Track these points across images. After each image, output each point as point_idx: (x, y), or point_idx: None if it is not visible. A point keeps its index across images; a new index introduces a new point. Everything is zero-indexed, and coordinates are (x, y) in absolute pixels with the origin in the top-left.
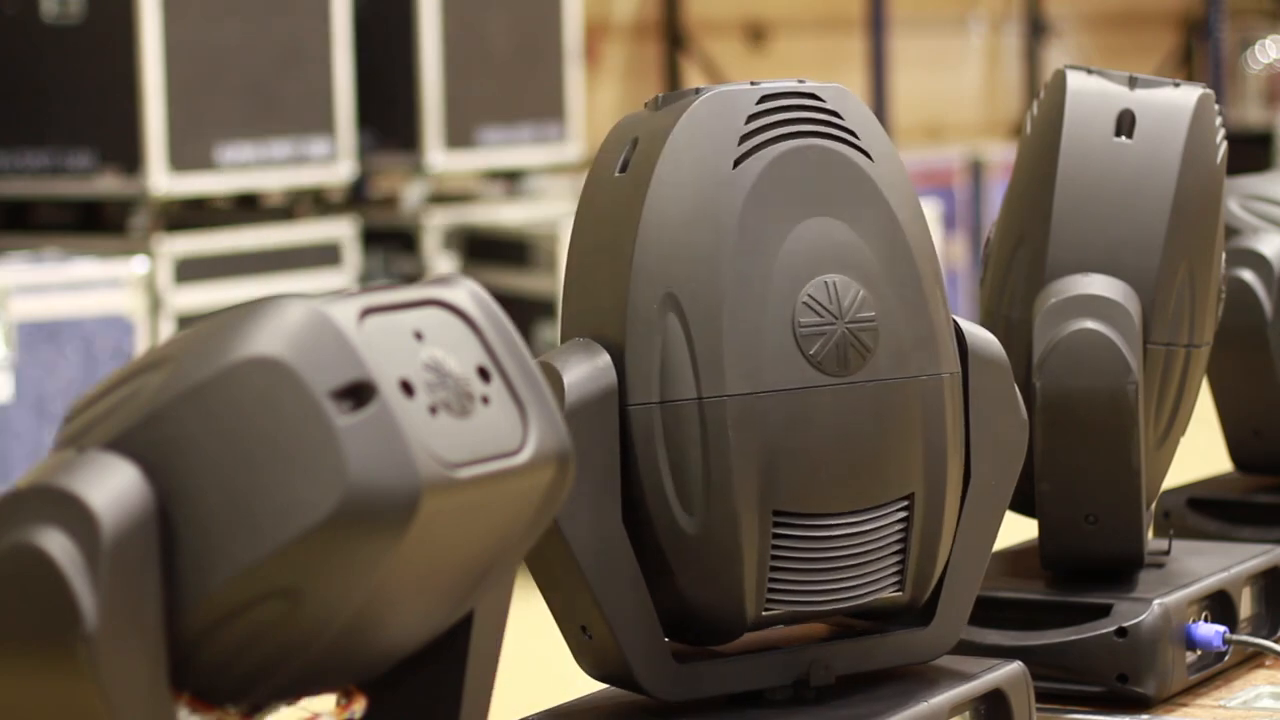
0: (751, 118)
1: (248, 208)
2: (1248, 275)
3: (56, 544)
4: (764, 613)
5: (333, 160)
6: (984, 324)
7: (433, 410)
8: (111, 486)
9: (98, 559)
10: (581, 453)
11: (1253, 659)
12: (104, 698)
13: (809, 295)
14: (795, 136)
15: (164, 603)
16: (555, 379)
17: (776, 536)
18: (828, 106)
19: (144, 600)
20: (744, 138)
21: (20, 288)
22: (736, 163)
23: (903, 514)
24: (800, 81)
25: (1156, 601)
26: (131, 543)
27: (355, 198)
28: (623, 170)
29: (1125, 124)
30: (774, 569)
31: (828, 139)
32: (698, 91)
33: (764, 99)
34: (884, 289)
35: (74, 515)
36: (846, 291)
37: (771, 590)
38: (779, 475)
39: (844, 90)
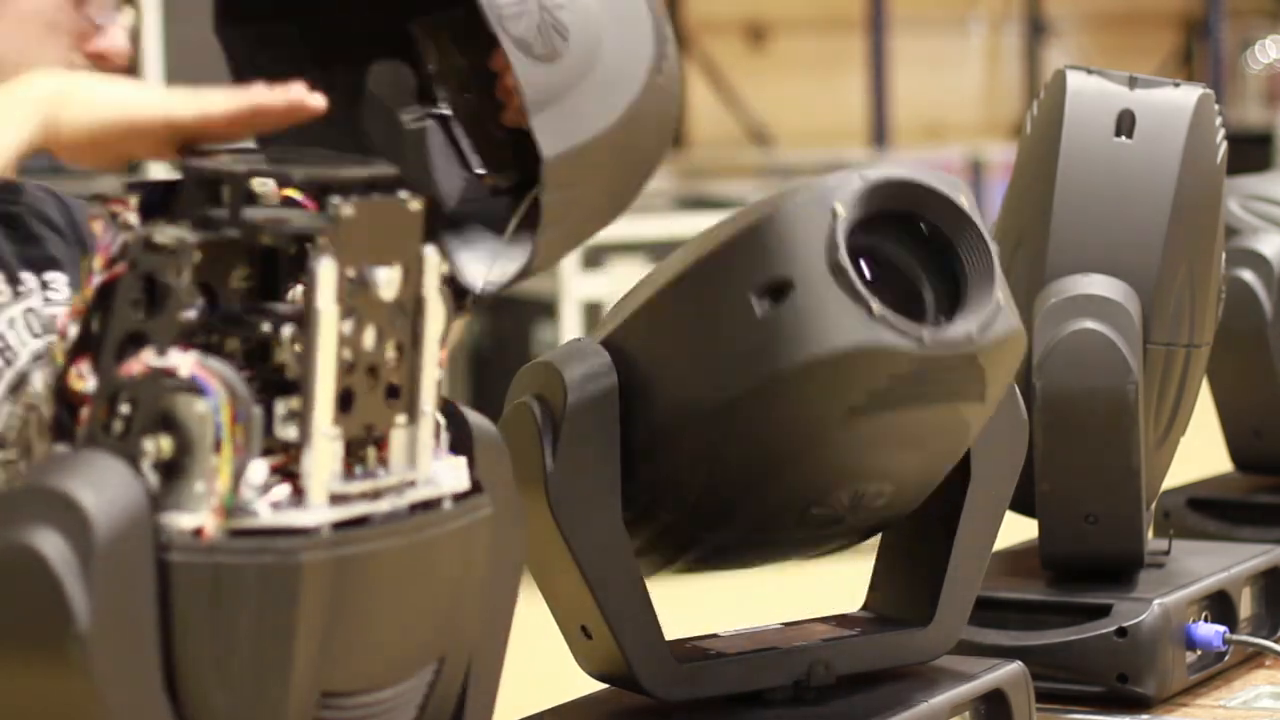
0: None
1: None
2: (1248, 275)
3: (50, 544)
4: None
5: None
6: None
7: None
8: (105, 486)
9: (91, 559)
10: (581, 453)
11: (1253, 659)
12: (97, 698)
13: None
14: None
15: (160, 602)
16: (555, 379)
17: None
18: None
19: (138, 600)
20: None
21: None
22: None
23: None
24: None
25: (1156, 601)
26: (125, 543)
27: None
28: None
29: (1125, 124)
30: None
31: None
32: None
33: None
34: None
35: (68, 516)
36: None
37: None
38: None
39: None
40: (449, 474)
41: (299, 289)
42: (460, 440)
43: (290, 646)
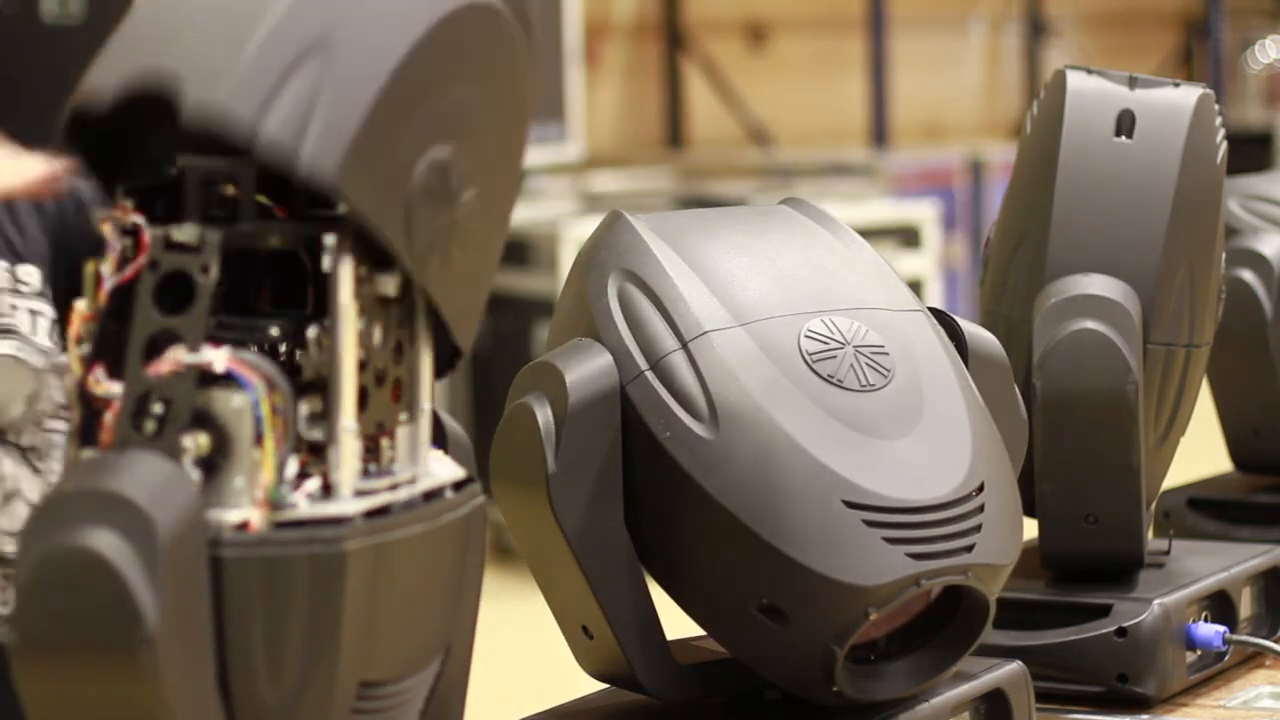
0: None
1: None
2: (1248, 275)
3: (112, 546)
4: None
5: None
6: (984, 324)
7: None
8: (158, 485)
9: (156, 559)
10: (582, 453)
11: (1253, 659)
12: (163, 700)
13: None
14: None
15: (213, 600)
16: (557, 379)
17: None
18: None
19: (196, 598)
20: None
21: None
22: None
23: None
24: None
25: (1156, 601)
26: (183, 541)
27: None
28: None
29: (1125, 124)
30: None
31: None
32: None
33: None
34: None
35: (126, 517)
36: None
37: None
38: None
39: None
40: (440, 466)
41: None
42: (437, 438)
43: (338, 636)
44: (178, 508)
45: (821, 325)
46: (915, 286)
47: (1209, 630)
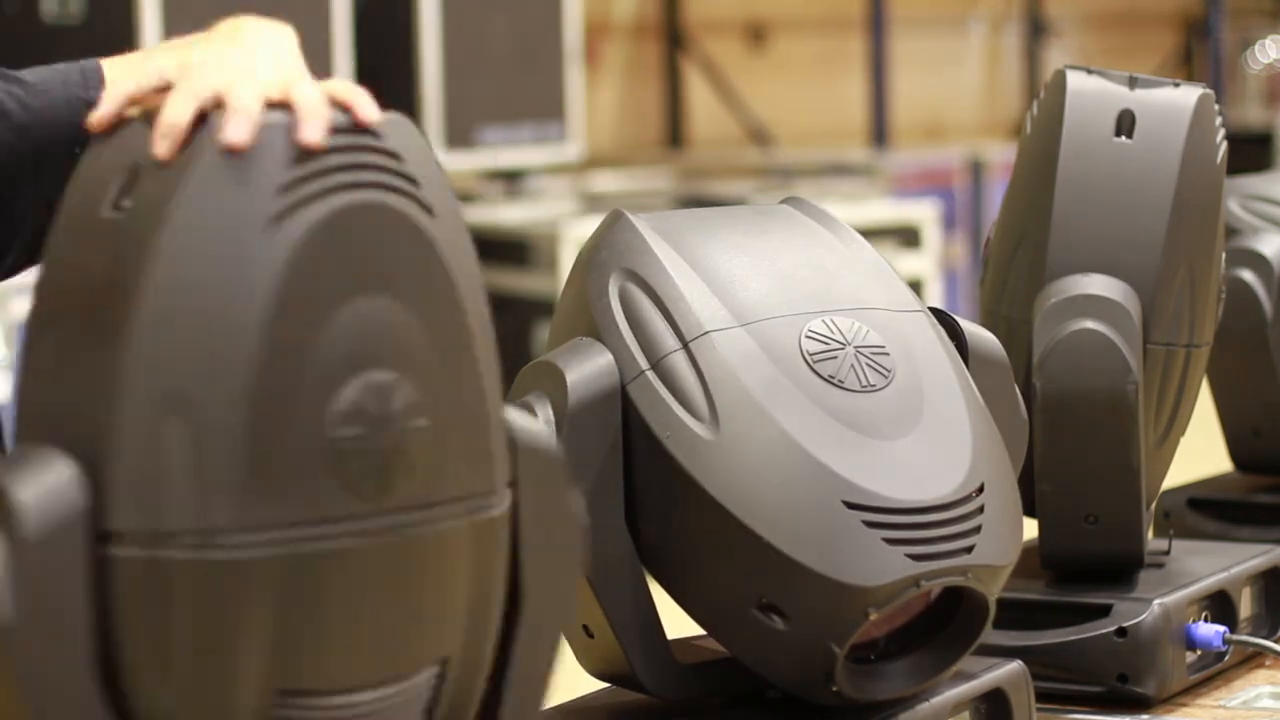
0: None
1: None
2: (1248, 275)
3: None
4: None
5: None
6: (984, 324)
7: None
8: (42, 480)
9: (16, 551)
10: (582, 452)
11: (1253, 659)
12: (24, 690)
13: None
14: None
15: (100, 597)
16: (558, 378)
17: None
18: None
19: (70, 594)
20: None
21: (20, 287)
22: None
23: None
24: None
25: (1156, 601)
26: (58, 536)
27: None
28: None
29: (1125, 124)
30: None
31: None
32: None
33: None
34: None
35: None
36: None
37: None
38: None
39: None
40: None
41: None
42: None
43: (233, 642)
44: (57, 503)
45: (822, 325)
46: (915, 286)
47: (1209, 630)
